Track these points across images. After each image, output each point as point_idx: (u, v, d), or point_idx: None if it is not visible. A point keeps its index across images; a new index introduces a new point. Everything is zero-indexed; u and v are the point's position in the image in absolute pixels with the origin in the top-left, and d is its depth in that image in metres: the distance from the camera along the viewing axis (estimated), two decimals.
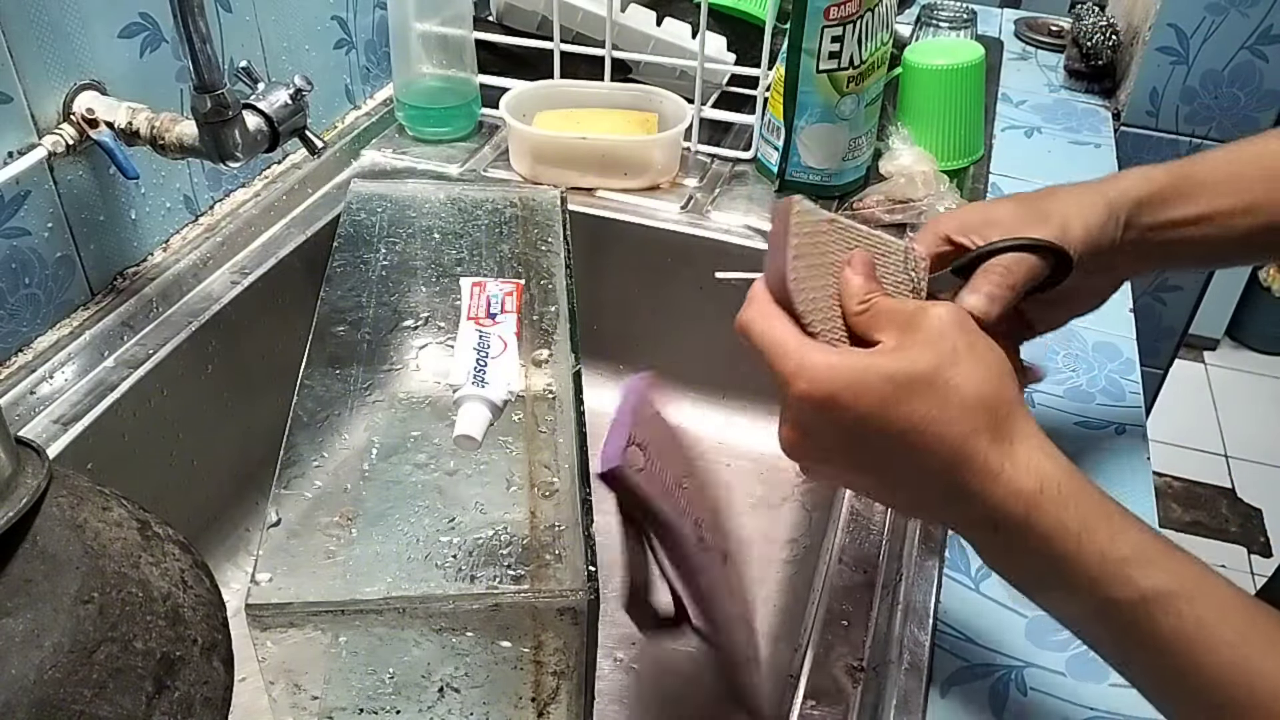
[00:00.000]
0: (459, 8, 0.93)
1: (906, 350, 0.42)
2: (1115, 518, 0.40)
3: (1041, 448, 0.42)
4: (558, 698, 0.52)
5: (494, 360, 0.57)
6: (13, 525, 0.41)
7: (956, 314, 0.43)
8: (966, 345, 0.42)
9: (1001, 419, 0.41)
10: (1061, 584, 0.41)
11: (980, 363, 0.42)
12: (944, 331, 0.42)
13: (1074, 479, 0.41)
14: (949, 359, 0.41)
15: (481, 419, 0.54)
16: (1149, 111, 1.20)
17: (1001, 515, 0.41)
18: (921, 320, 0.43)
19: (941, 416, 0.41)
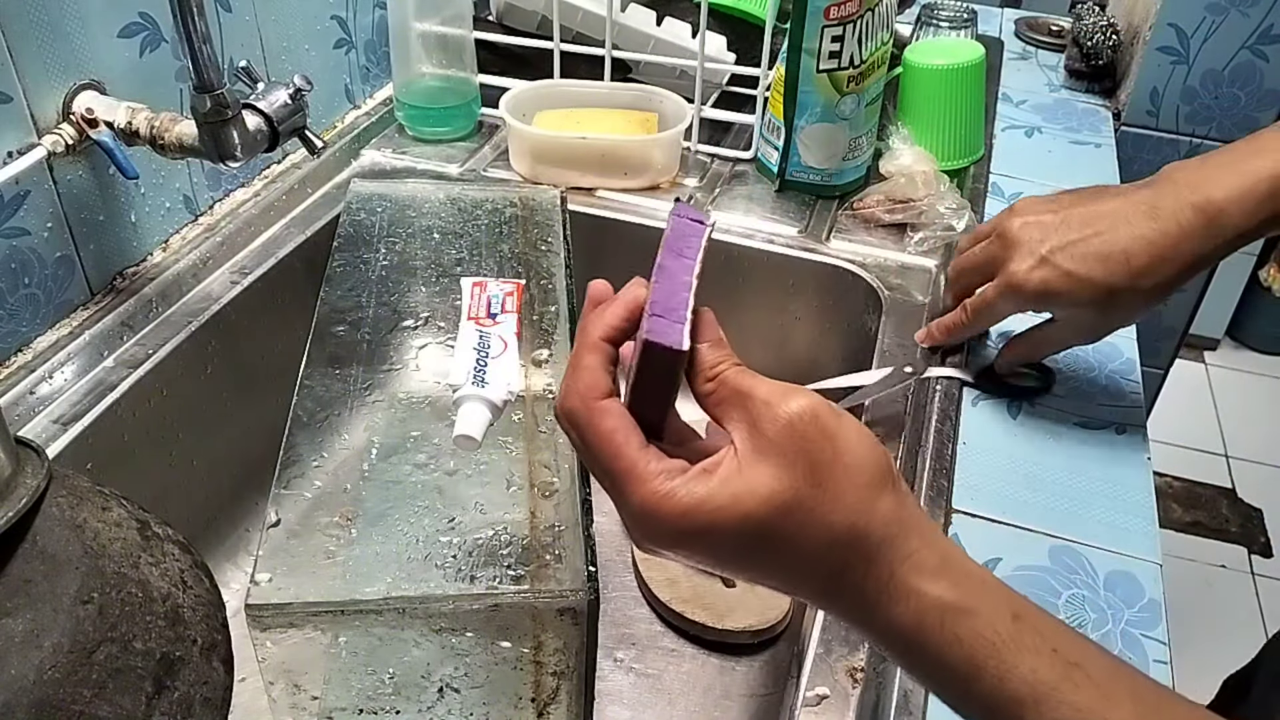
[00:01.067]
0: (459, 7, 0.93)
1: (761, 470, 0.35)
2: (1005, 647, 0.35)
3: (918, 571, 0.36)
4: (558, 698, 0.52)
5: (494, 360, 0.57)
6: (12, 525, 0.41)
7: (813, 408, 0.36)
8: (829, 455, 0.35)
9: (874, 545, 0.36)
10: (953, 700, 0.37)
11: (843, 479, 0.35)
12: (802, 438, 0.35)
13: (959, 607, 0.35)
14: (809, 481, 0.35)
15: (481, 419, 0.54)
16: (1149, 111, 1.20)
17: (885, 644, 0.37)
18: (771, 421, 0.36)
19: (800, 558, 0.36)
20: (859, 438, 0.36)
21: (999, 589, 0.36)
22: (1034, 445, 0.66)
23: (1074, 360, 0.74)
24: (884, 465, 0.36)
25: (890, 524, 0.36)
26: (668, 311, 0.38)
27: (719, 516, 0.35)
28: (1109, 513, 0.62)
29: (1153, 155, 1.31)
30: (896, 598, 0.36)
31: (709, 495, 0.36)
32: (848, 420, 0.37)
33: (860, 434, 0.36)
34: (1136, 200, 0.55)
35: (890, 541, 0.36)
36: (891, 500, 0.36)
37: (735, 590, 0.72)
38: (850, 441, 0.36)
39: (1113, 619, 0.55)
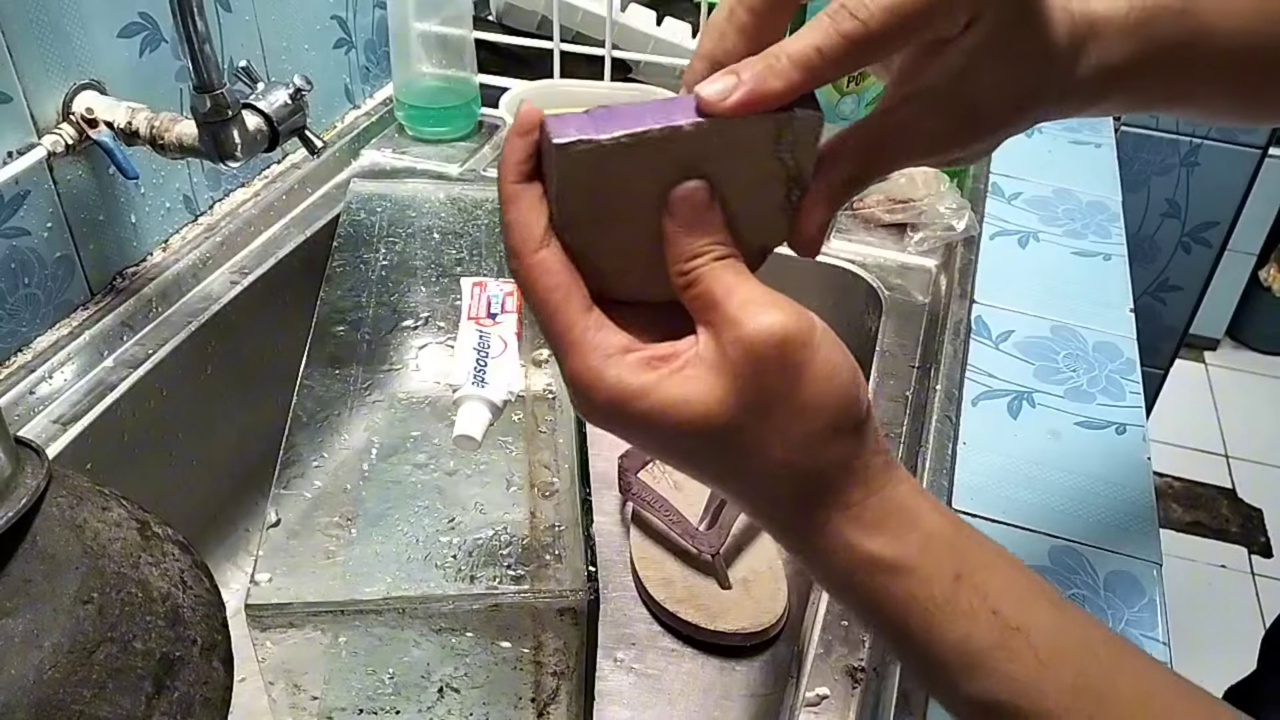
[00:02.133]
0: (459, 7, 0.93)
1: (706, 382, 0.32)
2: (939, 609, 0.32)
3: (855, 523, 0.33)
4: (558, 698, 0.52)
5: (494, 360, 0.57)
6: (12, 525, 0.41)
7: (783, 334, 0.31)
8: (785, 391, 0.32)
9: (812, 490, 0.33)
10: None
11: (793, 417, 0.32)
12: (760, 367, 0.31)
13: (893, 565, 0.33)
14: (755, 412, 0.32)
15: (481, 419, 0.54)
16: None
17: (820, 583, 0.36)
18: (733, 341, 0.32)
19: (732, 481, 0.34)
20: (826, 375, 0.32)
21: (947, 544, 0.34)
22: (1034, 445, 0.66)
23: (1074, 360, 0.74)
24: (847, 409, 0.33)
25: (835, 470, 0.33)
26: (597, 117, 0.32)
27: (650, 418, 0.32)
28: (1109, 513, 0.62)
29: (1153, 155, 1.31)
30: (830, 547, 0.34)
31: (642, 391, 0.32)
32: (822, 354, 0.32)
33: (832, 371, 0.32)
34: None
35: (831, 489, 0.33)
36: (844, 447, 0.33)
37: (731, 592, 0.72)
38: (815, 379, 0.32)
39: (1112, 619, 0.55)
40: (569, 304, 0.33)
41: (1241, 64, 0.43)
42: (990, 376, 0.72)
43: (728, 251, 0.34)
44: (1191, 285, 1.87)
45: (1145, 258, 1.84)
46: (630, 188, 0.33)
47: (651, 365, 0.33)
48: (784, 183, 0.34)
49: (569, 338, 0.33)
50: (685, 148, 0.33)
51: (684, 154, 0.33)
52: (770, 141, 0.33)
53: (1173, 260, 1.84)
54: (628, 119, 0.32)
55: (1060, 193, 0.96)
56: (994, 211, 0.92)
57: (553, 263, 0.34)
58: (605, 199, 0.33)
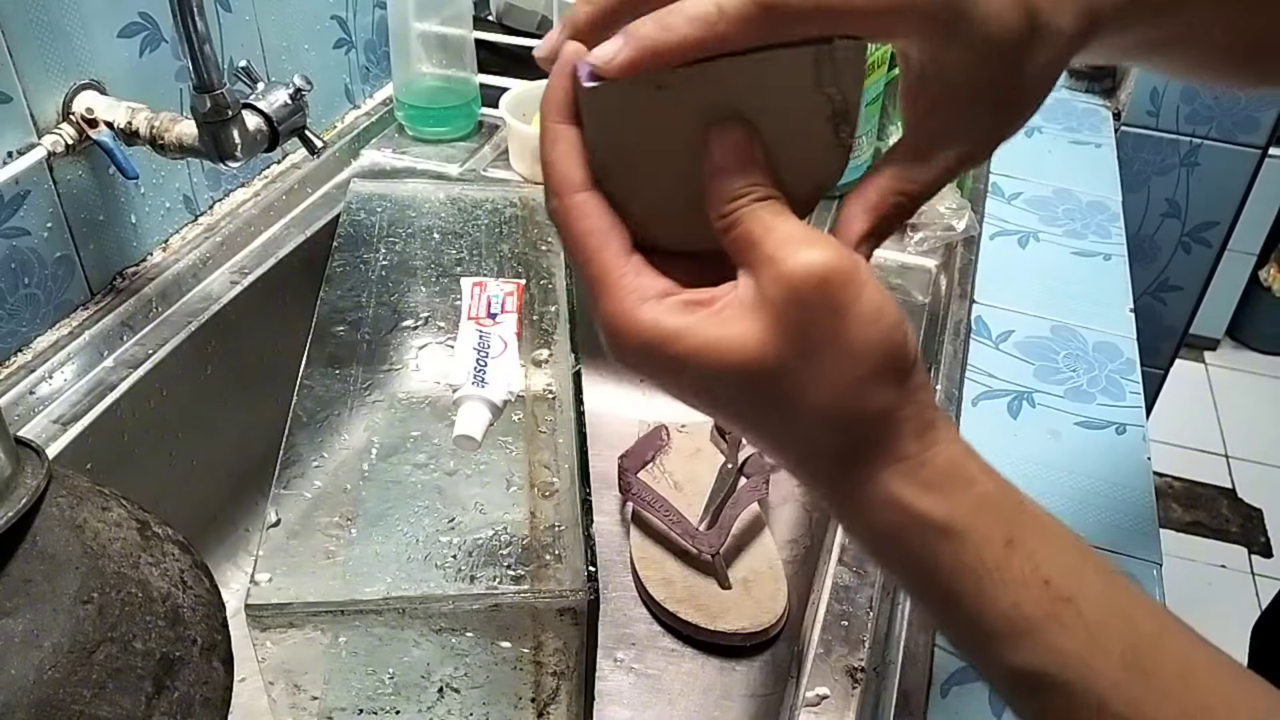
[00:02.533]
0: (459, 7, 0.93)
1: (745, 323, 0.31)
2: (989, 576, 0.31)
3: (905, 478, 0.32)
4: (558, 698, 0.52)
5: (494, 360, 0.57)
6: (12, 525, 0.41)
7: (825, 271, 0.30)
8: (827, 331, 0.30)
9: (858, 440, 0.32)
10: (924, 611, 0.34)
11: (836, 362, 0.30)
12: (801, 306, 0.30)
13: (944, 527, 0.32)
14: (796, 354, 0.30)
15: (482, 419, 0.54)
16: (1149, 111, 1.21)
17: (861, 543, 0.35)
18: (774, 279, 0.30)
19: (770, 430, 0.33)
20: (872, 317, 0.30)
21: (1000, 507, 0.32)
22: (1034, 445, 0.66)
23: (1074, 360, 0.74)
24: (893, 354, 0.31)
25: (883, 420, 0.31)
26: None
27: (686, 361, 0.31)
28: (1109, 513, 0.62)
29: (1153, 155, 1.31)
30: (876, 502, 0.32)
31: (677, 334, 0.31)
32: (867, 294, 0.30)
33: (876, 313, 0.30)
34: None
35: (879, 440, 0.31)
36: (891, 395, 0.31)
37: (730, 592, 0.72)
38: (860, 320, 0.30)
39: None
40: (606, 247, 0.32)
41: (1242, 10, 0.41)
42: (990, 376, 0.72)
43: (768, 192, 0.32)
44: (1191, 285, 1.87)
45: (1145, 258, 1.84)
46: (666, 131, 0.32)
47: (689, 308, 0.32)
48: (830, 119, 0.33)
49: (605, 281, 0.32)
50: (720, 87, 0.31)
51: (720, 93, 0.31)
52: (811, 75, 0.31)
53: (1173, 260, 1.84)
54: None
55: (1060, 193, 0.96)
56: (994, 211, 0.92)
57: (591, 206, 0.33)
58: (640, 144, 0.32)
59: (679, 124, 0.32)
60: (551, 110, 0.33)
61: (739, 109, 0.32)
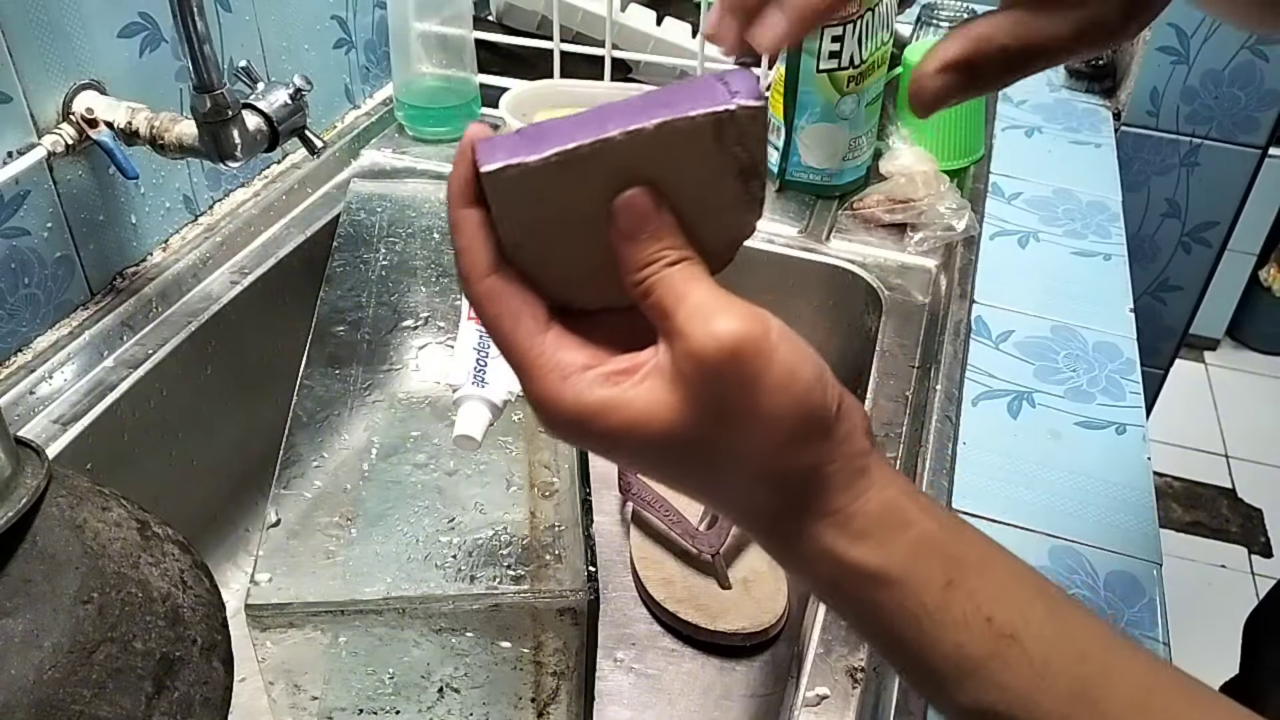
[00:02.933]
0: (459, 7, 0.93)
1: (664, 395, 0.31)
2: (930, 618, 0.31)
3: (837, 530, 0.32)
4: (558, 698, 0.52)
5: (494, 360, 0.57)
6: (12, 525, 0.41)
7: (732, 345, 0.30)
8: (740, 404, 0.30)
9: (787, 499, 0.32)
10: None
11: (754, 430, 0.31)
12: (713, 380, 0.30)
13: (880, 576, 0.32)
14: (715, 424, 0.31)
15: (482, 419, 0.54)
16: (1149, 111, 1.21)
17: (809, 589, 0.35)
18: (685, 354, 0.30)
19: (705, 492, 0.34)
20: (783, 384, 0.30)
21: (937, 548, 0.32)
22: (1034, 445, 0.66)
23: (1074, 360, 0.74)
24: (809, 415, 0.31)
25: (809, 478, 0.32)
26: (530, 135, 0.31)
27: (613, 434, 0.32)
28: (1109, 513, 0.62)
29: (1152, 155, 1.31)
30: (813, 556, 0.32)
31: (603, 409, 0.31)
32: (778, 360, 0.30)
33: (788, 379, 0.30)
34: None
35: (808, 496, 0.32)
36: (814, 453, 0.31)
37: (731, 592, 0.72)
38: (771, 390, 0.30)
39: (1112, 619, 0.55)
40: (520, 328, 0.33)
41: None
42: (990, 376, 0.72)
43: (679, 255, 0.32)
44: (1191, 285, 1.87)
45: (1145, 258, 1.84)
46: (573, 203, 0.32)
47: (611, 380, 0.32)
48: (739, 175, 0.33)
49: (525, 360, 0.32)
50: (622, 157, 0.31)
51: (623, 163, 0.31)
52: (713, 138, 0.31)
53: (1173, 260, 1.84)
54: (561, 134, 0.31)
55: (1060, 193, 0.96)
56: (994, 211, 0.92)
57: (501, 288, 0.33)
58: (548, 217, 0.32)
59: (586, 194, 0.32)
60: (454, 194, 0.33)
61: (644, 175, 0.32)
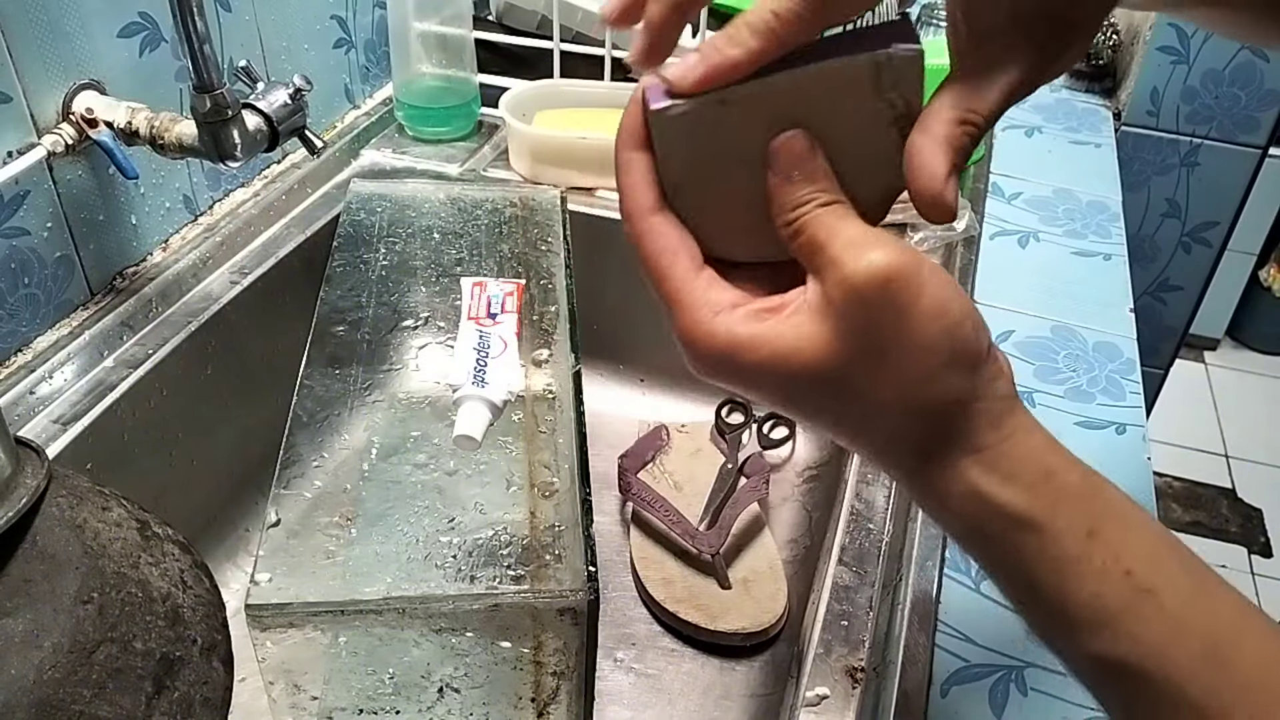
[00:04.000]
0: (459, 7, 0.93)
1: (814, 327, 0.32)
2: (1070, 566, 0.32)
3: (984, 468, 0.32)
4: (558, 698, 0.52)
5: (494, 360, 0.57)
6: (12, 525, 0.41)
7: (887, 272, 0.31)
8: (891, 330, 0.31)
9: (935, 431, 0.32)
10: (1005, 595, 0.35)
11: (905, 358, 0.31)
12: (865, 306, 0.31)
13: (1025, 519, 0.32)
14: (864, 353, 0.31)
15: (482, 419, 0.54)
16: (1149, 111, 1.21)
17: (943, 528, 0.35)
18: (837, 283, 0.31)
19: (849, 425, 0.34)
20: (935, 314, 0.31)
21: (1081, 498, 0.33)
22: None
23: (1074, 360, 0.74)
24: (958, 348, 0.32)
25: (957, 411, 0.32)
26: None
27: (762, 368, 0.33)
28: None
29: (1153, 155, 1.31)
30: (956, 492, 0.33)
31: (751, 342, 0.32)
32: (930, 291, 0.31)
33: (940, 309, 0.31)
34: None
35: (955, 430, 0.32)
36: (962, 385, 0.32)
37: (731, 592, 0.72)
38: (923, 316, 0.31)
39: None
40: (677, 265, 0.34)
41: None
42: None
43: (832, 198, 0.33)
44: (1191, 285, 1.87)
45: (1145, 258, 1.84)
46: (734, 144, 0.33)
47: (760, 317, 0.33)
48: (894, 123, 0.33)
49: (678, 297, 0.33)
50: (782, 100, 0.32)
51: (782, 107, 0.32)
52: (871, 83, 0.32)
53: (1173, 260, 1.84)
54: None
55: (1060, 193, 0.96)
56: (994, 211, 0.92)
57: (663, 227, 0.34)
58: (709, 160, 0.33)
59: (745, 138, 0.33)
60: (623, 138, 0.35)
61: (803, 120, 0.32)
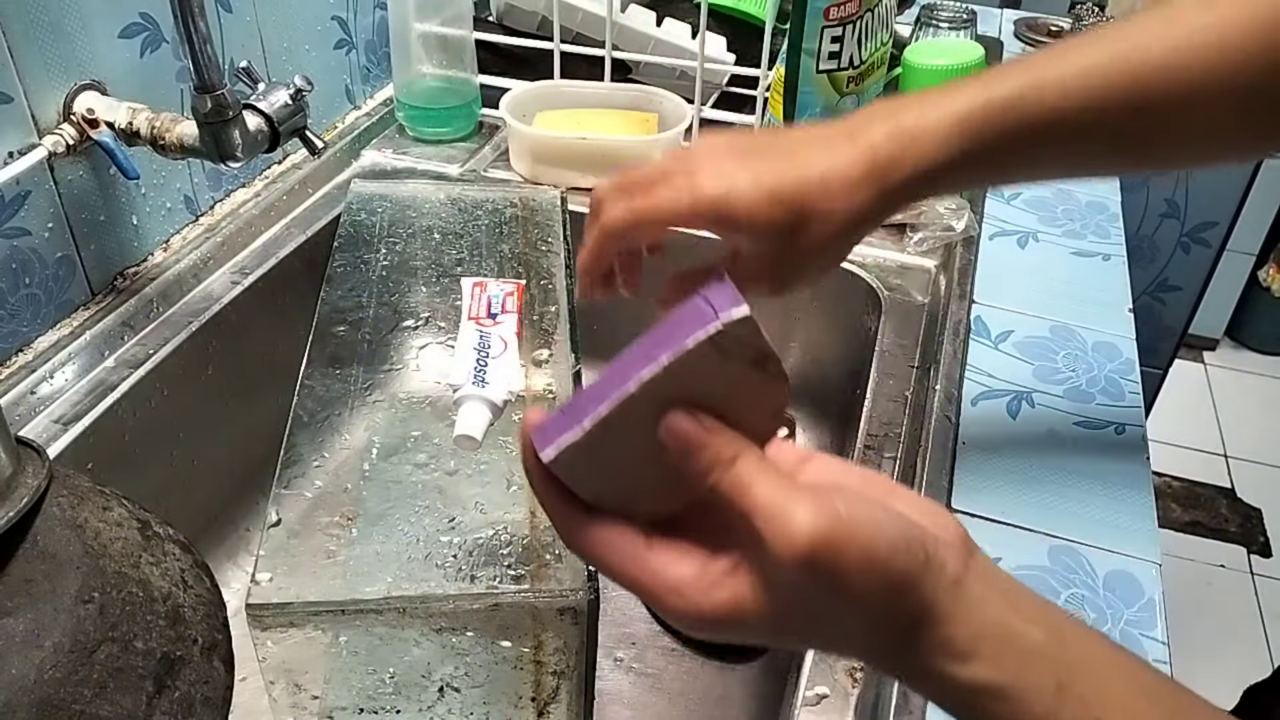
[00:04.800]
0: (459, 8, 0.93)
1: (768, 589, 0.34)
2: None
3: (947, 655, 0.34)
4: (558, 698, 0.52)
5: (494, 360, 0.57)
6: (13, 525, 0.41)
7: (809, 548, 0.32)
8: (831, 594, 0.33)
9: (897, 638, 0.34)
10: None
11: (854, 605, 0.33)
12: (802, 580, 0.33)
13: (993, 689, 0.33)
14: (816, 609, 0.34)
15: (482, 419, 0.54)
16: None
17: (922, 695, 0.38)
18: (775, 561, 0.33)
19: (829, 644, 0.37)
20: (867, 566, 0.32)
21: (1046, 655, 0.34)
22: (1034, 445, 0.66)
23: (1073, 360, 0.74)
24: (899, 580, 0.33)
25: (910, 625, 0.34)
26: (570, 410, 0.35)
27: (742, 622, 0.35)
28: (1109, 513, 0.62)
29: None
30: (927, 677, 0.34)
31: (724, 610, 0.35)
32: (857, 544, 0.32)
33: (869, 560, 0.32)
34: (834, 128, 0.49)
35: (911, 638, 0.34)
36: (915, 600, 0.33)
37: None
38: (856, 572, 0.32)
39: (1112, 619, 0.55)
40: (626, 562, 0.36)
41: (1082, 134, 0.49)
42: (990, 376, 0.72)
43: (733, 451, 0.35)
44: (1191, 285, 1.87)
45: (1144, 258, 1.84)
46: (627, 449, 0.35)
47: (720, 585, 0.35)
48: (753, 366, 0.35)
49: (645, 589, 0.36)
50: (648, 400, 0.34)
51: (651, 403, 0.35)
52: (717, 355, 0.34)
53: (1172, 260, 1.84)
54: (593, 401, 0.35)
55: (1059, 193, 0.96)
56: (993, 211, 0.92)
57: (598, 533, 0.37)
58: (612, 469, 0.36)
59: (635, 438, 0.35)
60: (531, 476, 0.37)
61: (674, 402, 0.35)
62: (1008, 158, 0.49)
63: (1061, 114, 0.48)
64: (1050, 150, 0.50)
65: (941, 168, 0.48)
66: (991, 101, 0.48)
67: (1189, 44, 0.47)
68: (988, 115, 0.47)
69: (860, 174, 0.47)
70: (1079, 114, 0.48)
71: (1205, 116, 0.49)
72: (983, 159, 0.48)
